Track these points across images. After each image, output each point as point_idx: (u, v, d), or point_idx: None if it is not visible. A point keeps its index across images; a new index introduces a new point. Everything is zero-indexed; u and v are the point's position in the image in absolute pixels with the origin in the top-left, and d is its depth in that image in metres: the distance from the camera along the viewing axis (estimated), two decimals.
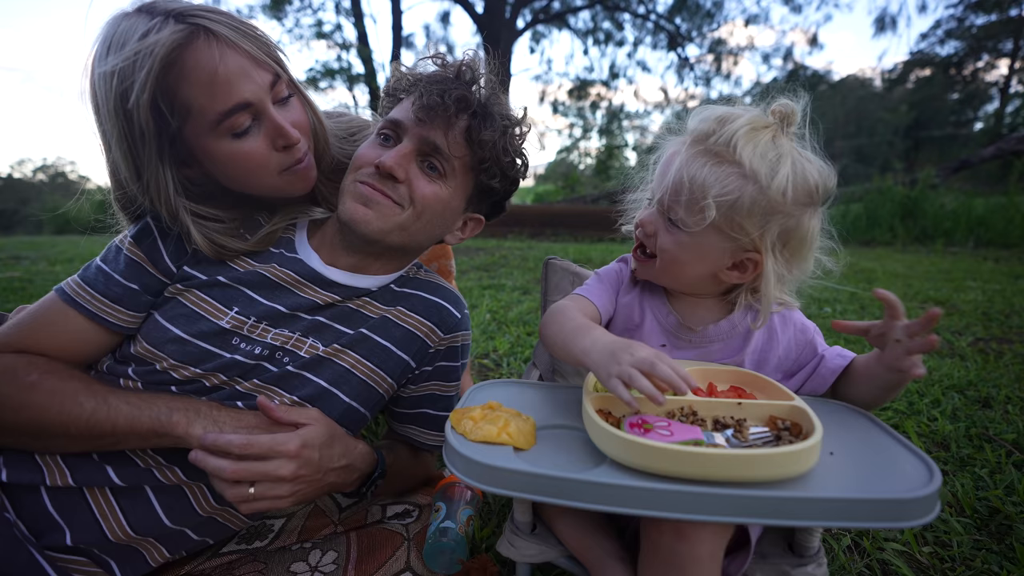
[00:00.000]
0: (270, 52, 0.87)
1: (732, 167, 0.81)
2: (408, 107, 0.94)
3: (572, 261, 1.36)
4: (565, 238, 8.47)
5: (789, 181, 0.79)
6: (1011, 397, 1.84)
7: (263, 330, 0.93)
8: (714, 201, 0.80)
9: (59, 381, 0.81)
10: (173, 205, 0.88)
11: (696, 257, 0.88)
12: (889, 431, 0.76)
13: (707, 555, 0.69)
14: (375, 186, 0.92)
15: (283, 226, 1.02)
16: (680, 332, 0.96)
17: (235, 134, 0.85)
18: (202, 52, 0.78)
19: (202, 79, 0.79)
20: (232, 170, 0.89)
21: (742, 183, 0.80)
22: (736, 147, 0.80)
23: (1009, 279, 4.39)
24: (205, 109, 0.81)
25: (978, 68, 23.33)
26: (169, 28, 0.76)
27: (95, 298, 0.88)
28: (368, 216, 0.92)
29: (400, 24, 11.65)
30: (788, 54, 13.16)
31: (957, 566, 1.07)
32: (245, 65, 0.82)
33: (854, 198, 9.35)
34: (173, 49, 0.76)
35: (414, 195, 0.93)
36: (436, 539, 0.95)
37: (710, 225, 0.82)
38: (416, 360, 1.05)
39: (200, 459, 0.76)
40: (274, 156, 0.89)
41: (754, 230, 0.82)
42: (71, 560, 0.81)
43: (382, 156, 0.91)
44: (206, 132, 0.83)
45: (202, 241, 0.91)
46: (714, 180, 0.81)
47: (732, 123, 0.81)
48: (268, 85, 0.86)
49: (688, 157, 0.84)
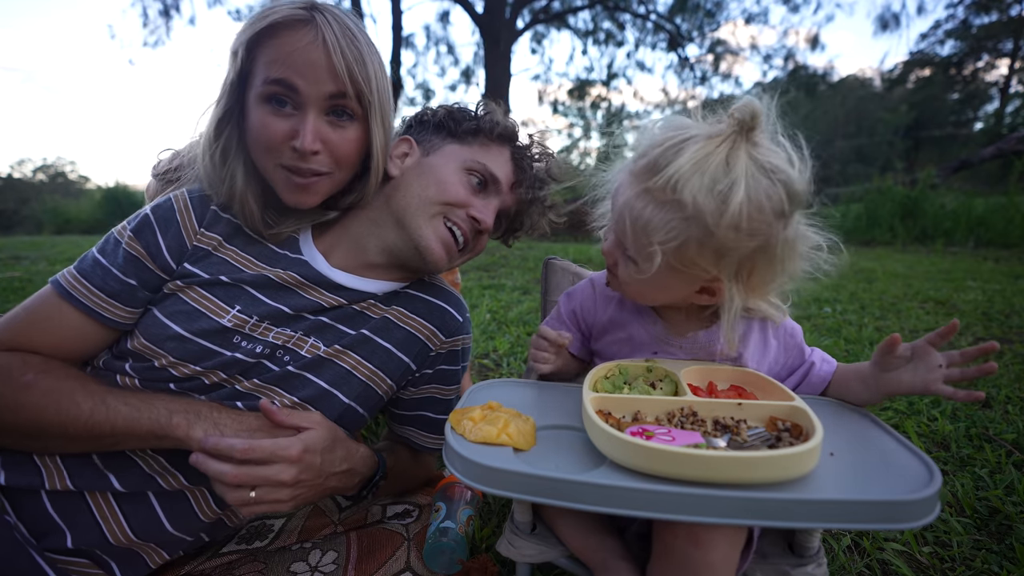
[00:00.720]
0: (354, 71, 0.87)
1: (674, 209, 0.72)
2: (504, 166, 1.05)
3: (572, 261, 1.36)
4: (565, 238, 8.47)
5: (743, 211, 0.69)
6: (1011, 397, 1.84)
7: (265, 329, 0.92)
8: (659, 247, 0.73)
9: (55, 381, 0.80)
10: (234, 159, 0.92)
11: (657, 289, 0.84)
12: (889, 431, 0.76)
13: (720, 561, 0.69)
14: (467, 237, 1.02)
15: (289, 232, 1.01)
16: (669, 339, 0.94)
17: (267, 101, 0.88)
18: (299, 32, 0.85)
19: (281, 49, 0.85)
20: (253, 137, 0.91)
21: (686, 226, 0.72)
22: (677, 187, 0.70)
23: (1009, 279, 4.39)
24: (261, 69, 0.87)
25: (978, 68, 23.33)
26: (302, 7, 0.86)
27: (92, 292, 0.87)
28: (443, 260, 1.00)
29: (400, 24, 11.62)
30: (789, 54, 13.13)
31: (957, 566, 1.07)
32: (321, 64, 0.86)
33: (854, 198, 9.35)
34: (284, 19, 0.85)
35: (477, 247, 1.07)
36: (436, 539, 0.95)
37: (662, 264, 0.75)
38: (416, 362, 1.05)
39: (201, 462, 0.76)
40: (285, 148, 0.89)
41: (710, 267, 0.75)
42: (72, 562, 0.80)
43: (479, 209, 1.01)
44: (254, 88, 0.88)
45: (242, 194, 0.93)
46: (657, 224, 0.73)
47: (676, 158, 0.70)
48: (327, 94, 0.87)
49: (631, 196, 0.76)
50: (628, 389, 0.85)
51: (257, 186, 0.95)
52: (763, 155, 0.71)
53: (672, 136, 0.74)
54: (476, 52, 14.59)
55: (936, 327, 0.78)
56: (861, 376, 0.86)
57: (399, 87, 12.14)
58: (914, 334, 2.69)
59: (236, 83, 0.89)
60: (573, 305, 1.05)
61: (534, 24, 12.26)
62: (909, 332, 2.73)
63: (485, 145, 1.05)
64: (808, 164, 0.74)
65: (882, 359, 0.80)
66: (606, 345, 1.00)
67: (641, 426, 0.72)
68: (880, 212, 8.06)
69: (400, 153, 1.05)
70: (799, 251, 0.78)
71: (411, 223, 0.98)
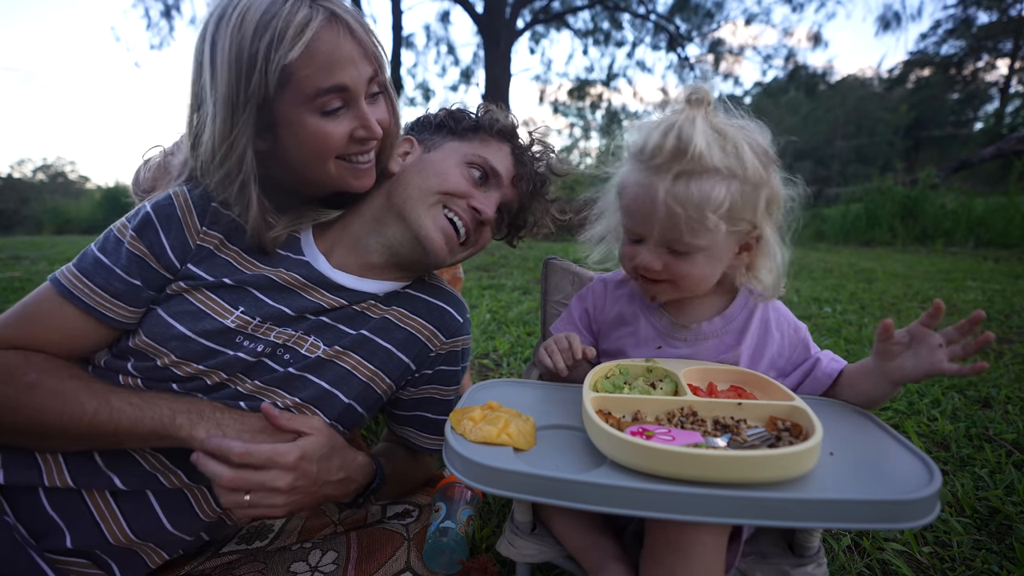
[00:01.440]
0: (375, 49, 0.90)
1: (713, 177, 0.80)
2: (504, 160, 1.06)
3: (572, 261, 1.35)
4: (565, 238, 8.46)
5: (755, 156, 0.82)
6: (1011, 397, 1.84)
7: (267, 329, 0.92)
8: (715, 215, 0.80)
9: (58, 381, 0.80)
10: (247, 173, 0.87)
11: (714, 263, 0.89)
12: (889, 431, 0.76)
13: (710, 549, 0.70)
14: (468, 227, 1.02)
15: (289, 231, 1.01)
16: (674, 332, 0.97)
17: (324, 112, 0.87)
18: (327, 32, 0.83)
19: (319, 56, 0.82)
20: (305, 147, 0.89)
21: (728, 184, 0.81)
22: (706, 157, 0.79)
23: (1009, 279, 4.39)
24: (305, 81, 0.83)
25: (978, 68, 23.34)
26: (307, 6, 0.81)
27: (94, 292, 0.86)
28: (442, 251, 0.99)
29: (400, 24, 11.63)
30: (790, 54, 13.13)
31: (957, 566, 1.07)
32: (356, 53, 0.86)
33: (854, 198, 9.34)
34: (316, 30, 0.81)
35: (479, 240, 1.07)
36: (436, 539, 0.95)
37: (719, 233, 0.83)
38: (416, 363, 1.05)
39: (200, 462, 0.76)
40: (346, 144, 0.90)
41: (752, 215, 0.85)
42: (71, 562, 0.80)
43: (480, 200, 1.01)
44: (298, 103, 0.85)
45: (257, 217, 0.91)
46: (705, 197, 0.80)
47: (694, 140, 0.78)
48: (367, 78, 0.89)
49: (668, 187, 0.81)
50: (628, 389, 0.85)
51: (265, 202, 0.94)
52: (731, 118, 0.86)
53: (666, 122, 0.82)
54: (476, 52, 14.59)
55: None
56: (866, 371, 0.86)
57: (399, 87, 12.14)
58: None
59: (256, 99, 0.82)
60: (585, 305, 1.08)
61: (534, 24, 12.26)
62: None
63: (485, 141, 1.06)
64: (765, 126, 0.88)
65: (881, 348, 0.81)
66: (612, 341, 1.03)
67: (641, 426, 0.72)
68: (880, 212, 8.06)
69: (401, 151, 1.06)
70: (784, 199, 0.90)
71: (411, 213, 0.98)
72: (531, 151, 1.10)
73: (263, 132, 0.89)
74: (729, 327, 0.95)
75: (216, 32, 0.82)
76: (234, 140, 0.84)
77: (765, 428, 0.73)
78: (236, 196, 0.90)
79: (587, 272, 1.31)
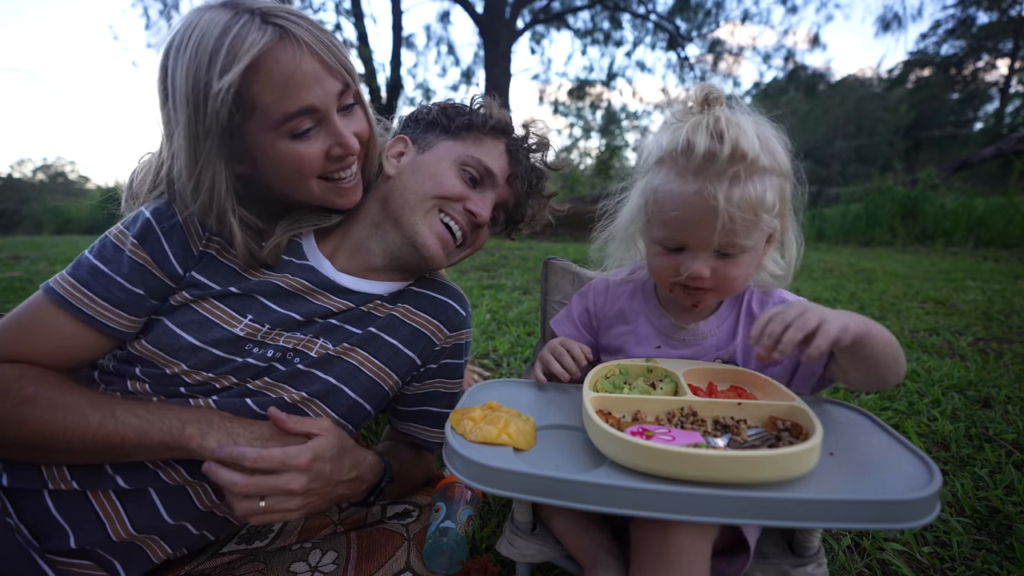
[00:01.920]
0: (343, 61, 0.87)
1: (759, 175, 0.80)
2: (498, 159, 1.04)
3: (572, 261, 1.35)
4: (565, 238, 8.46)
5: (783, 149, 0.85)
6: (1011, 397, 1.84)
7: (276, 335, 0.93)
8: (767, 214, 0.82)
9: (57, 394, 0.78)
10: (222, 204, 0.86)
11: (755, 261, 0.90)
12: (889, 431, 0.76)
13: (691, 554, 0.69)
14: (465, 230, 1.02)
15: (290, 236, 1.01)
16: (673, 332, 0.98)
17: (294, 135, 0.85)
18: (281, 54, 0.80)
19: (276, 80, 0.80)
20: (283, 170, 0.88)
21: (770, 181, 0.82)
22: (759, 158, 0.79)
23: (1009, 279, 4.39)
24: (271, 108, 0.81)
25: (978, 68, 23.34)
26: (257, 28, 0.78)
27: (94, 301, 0.84)
28: (439, 256, 1.00)
29: (400, 24, 11.63)
30: (789, 54, 13.13)
31: (957, 566, 1.07)
32: (319, 71, 0.83)
33: (854, 198, 9.34)
34: (261, 50, 0.77)
35: (477, 241, 1.07)
36: (436, 539, 0.95)
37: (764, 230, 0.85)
38: (422, 358, 1.06)
39: (213, 471, 0.76)
40: (324, 163, 0.90)
41: (784, 208, 0.87)
42: (74, 564, 0.80)
43: (474, 202, 1.00)
44: (267, 129, 0.83)
45: (242, 245, 0.90)
46: (759, 197, 0.80)
47: (744, 141, 0.78)
48: (336, 93, 0.86)
49: (726, 192, 0.78)
50: (628, 389, 0.85)
51: (253, 225, 0.93)
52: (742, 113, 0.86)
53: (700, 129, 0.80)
54: (476, 52, 14.59)
55: (936, 327, 0.79)
56: None
57: (399, 87, 12.14)
58: (914, 334, 2.70)
59: (217, 129, 0.80)
60: (586, 303, 1.08)
61: (534, 24, 12.27)
62: (909, 332, 2.73)
63: (479, 139, 1.05)
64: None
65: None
66: (613, 338, 1.04)
67: (641, 426, 0.72)
68: (880, 212, 8.06)
69: (396, 152, 1.06)
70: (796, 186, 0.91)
71: (407, 220, 0.98)
72: (526, 145, 1.09)
73: (240, 157, 0.87)
74: (723, 324, 0.96)
75: (173, 61, 0.80)
76: (200, 171, 0.82)
77: (765, 428, 0.73)
78: (216, 227, 0.89)
79: (587, 272, 1.31)
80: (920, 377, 2.04)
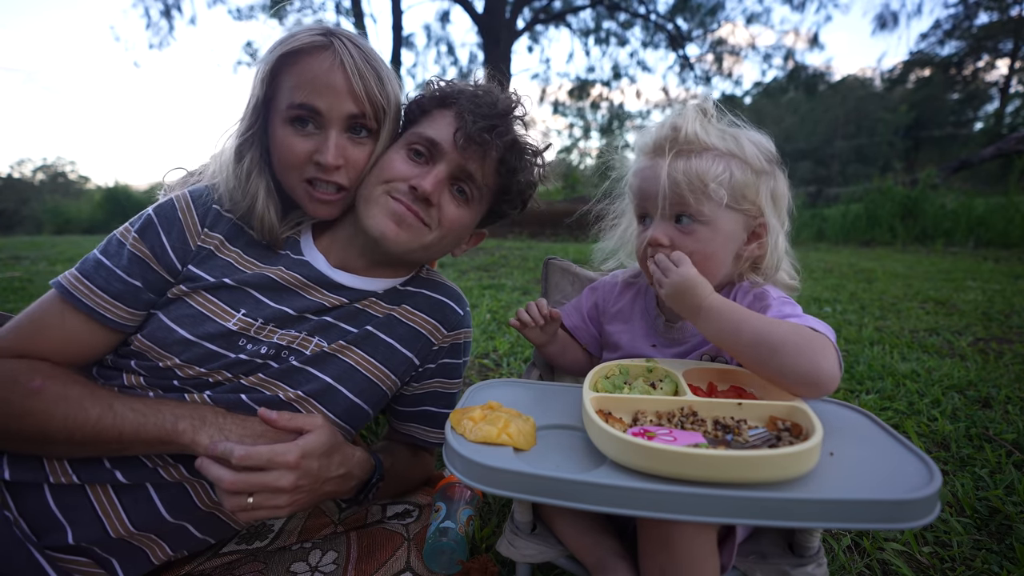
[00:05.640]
0: (371, 92, 0.92)
1: (711, 153, 0.88)
2: (446, 128, 0.95)
3: (572, 261, 1.36)
4: (565, 238, 8.47)
5: (755, 148, 0.91)
6: (1011, 397, 1.84)
7: (270, 331, 0.93)
8: (715, 184, 0.87)
9: (62, 386, 0.80)
10: (259, 169, 0.95)
11: (721, 242, 0.91)
12: (889, 431, 0.76)
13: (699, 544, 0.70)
14: (410, 207, 0.95)
15: (292, 232, 1.03)
16: (666, 331, 1.01)
17: (291, 123, 0.92)
18: (318, 58, 0.90)
19: (304, 74, 0.90)
20: (276, 155, 0.95)
21: (727, 161, 0.88)
22: (701, 138, 0.89)
23: (1009, 279, 4.39)
24: (287, 93, 0.91)
25: (978, 68, 23.35)
26: (314, 34, 0.91)
27: (94, 293, 0.86)
28: (399, 236, 0.95)
29: (400, 24, 11.64)
30: (789, 54, 13.13)
31: (957, 566, 1.07)
32: (341, 88, 0.90)
33: (854, 198, 9.34)
34: (304, 46, 0.90)
35: (443, 218, 0.97)
36: (436, 539, 0.95)
37: (723, 207, 0.88)
38: (420, 357, 1.06)
39: (204, 467, 0.76)
40: (308, 164, 0.93)
41: (755, 196, 0.90)
42: (72, 560, 0.81)
43: (418, 176, 0.94)
44: (277, 112, 0.93)
45: (266, 217, 0.96)
46: (705, 168, 0.87)
47: (686, 124, 0.89)
48: (347, 114, 0.92)
49: (669, 161, 0.89)
50: (628, 389, 0.85)
51: (277, 201, 0.99)
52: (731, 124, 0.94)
53: (669, 120, 0.92)
54: (476, 52, 14.59)
55: (936, 327, 0.79)
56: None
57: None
58: (914, 334, 2.70)
59: (260, 106, 0.93)
60: (595, 297, 1.14)
61: (534, 24, 12.27)
62: (909, 332, 2.73)
63: (429, 116, 0.99)
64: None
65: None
66: (611, 334, 1.08)
67: (642, 426, 0.72)
68: (880, 212, 8.07)
69: None
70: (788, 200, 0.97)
71: (362, 211, 0.96)
72: (476, 102, 0.95)
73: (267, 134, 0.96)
74: None
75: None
76: (248, 138, 0.94)
77: (765, 428, 0.73)
78: (247, 206, 0.96)
79: (587, 272, 1.31)
80: (920, 377, 2.04)
